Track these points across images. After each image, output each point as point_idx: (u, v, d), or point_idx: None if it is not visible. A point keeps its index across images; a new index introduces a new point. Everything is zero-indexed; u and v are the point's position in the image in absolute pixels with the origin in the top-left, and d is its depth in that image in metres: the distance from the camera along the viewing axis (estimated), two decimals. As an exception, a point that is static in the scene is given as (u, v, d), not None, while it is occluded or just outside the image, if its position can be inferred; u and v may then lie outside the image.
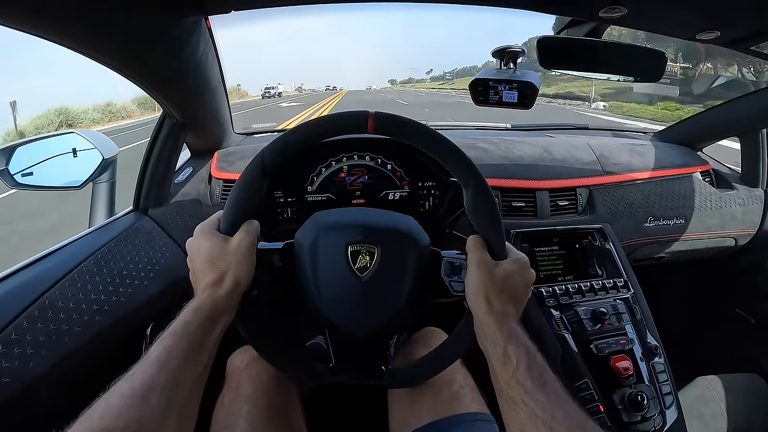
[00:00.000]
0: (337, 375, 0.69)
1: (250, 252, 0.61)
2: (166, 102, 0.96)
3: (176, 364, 0.50)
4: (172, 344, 0.52)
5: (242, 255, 0.60)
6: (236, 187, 0.61)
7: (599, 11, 0.75)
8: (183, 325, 0.54)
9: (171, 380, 0.49)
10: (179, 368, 0.50)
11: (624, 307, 1.02)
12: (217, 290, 0.58)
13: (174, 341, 0.52)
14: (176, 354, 0.51)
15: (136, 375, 0.47)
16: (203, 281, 0.59)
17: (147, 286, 0.94)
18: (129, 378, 0.47)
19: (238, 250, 0.60)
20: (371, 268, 0.64)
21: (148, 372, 0.48)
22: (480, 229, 0.63)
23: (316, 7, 0.76)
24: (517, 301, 0.60)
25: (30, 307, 0.75)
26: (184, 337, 0.53)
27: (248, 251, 0.60)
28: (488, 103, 0.94)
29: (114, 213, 1.15)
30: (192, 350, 0.53)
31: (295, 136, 0.62)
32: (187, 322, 0.54)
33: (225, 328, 0.60)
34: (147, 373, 0.48)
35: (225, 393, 0.77)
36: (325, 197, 1.07)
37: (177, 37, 0.76)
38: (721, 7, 0.72)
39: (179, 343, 0.52)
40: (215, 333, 0.57)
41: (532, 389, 0.51)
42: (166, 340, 0.52)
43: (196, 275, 0.61)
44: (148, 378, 0.47)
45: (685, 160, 1.41)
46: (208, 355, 0.56)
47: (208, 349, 0.56)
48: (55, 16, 0.56)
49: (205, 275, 0.59)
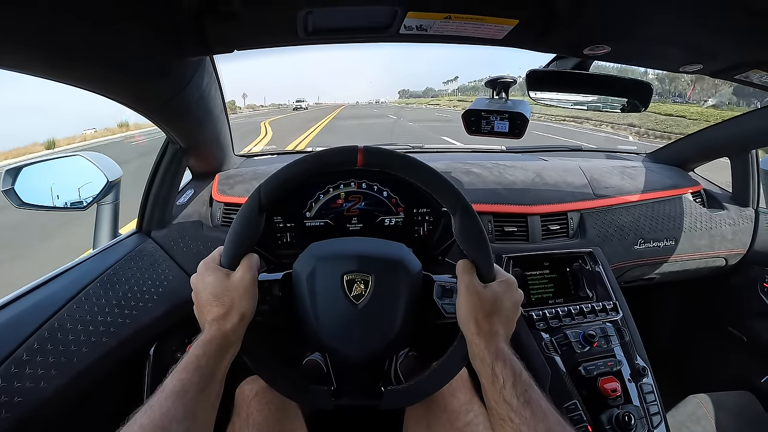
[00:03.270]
0: (339, 398, 0.71)
1: (252, 286, 0.63)
2: (171, 131, 0.99)
3: (191, 396, 0.54)
4: (186, 378, 0.55)
5: (245, 289, 0.62)
6: (235, 224, 0.64)
7: (584, 49, 0.79)
8: (194, 359, 0.57)
9: (188, 411, 0.52)
10: (194, 399, 0.54)
11: (613, 329, 1.04)
12: (224, 324, 0.61)
13: (187, 375, 0.55)
14: (190, 387, 0.54)
15: (154, 408, 0.51)
16: (210, 315, 0.62)
17: (151, 308, 0.97)
18: (147, 410, 0.51)
19: (241, 285, 0.62)
20: (366, 296, 0.67)
21: (165, 405, 0.51)
22: (468, 253, 0.65)
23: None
24: (506, 321, 0.63)
25: (40, 329, 0.78)
26: (197, 370, 0.56)
27: (250, 285, 0.63)
28: (481, 132, 0.97)
29: (117, 234, 1.18)
30: (205, 382, 0.56)
31: (291, 172, 0.65)
32: (198, 356, 0.57)
33: (233, 357, 0.63)
34: (164, 406, 0.51)
35: (235, 421, 0.79)
36: (323, 222, 1.10)
37: (182, 74, 0.80)
38: (701, 41, 0.75)
39: (192, 377, 0.55)
40: (224, 363, 0.60)
41: (517, 406, 0.54)
42: (179, 374, 0.55)
43: (202, 309, 0.63)
44: (166, 410, 0.51)
45: (675, 182, 1.44)
46: (219, 384, 0.59)
47: (219, 379, 0.59)
48: (65, 60, 0.60)
49: (211, 310, 0.62)
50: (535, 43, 0.77)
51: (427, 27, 0.68)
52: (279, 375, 0.69)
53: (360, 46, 20.87)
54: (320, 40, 0.72)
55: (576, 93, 0.97)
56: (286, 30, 0.68)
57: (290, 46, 0.72)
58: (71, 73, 0.63)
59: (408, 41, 0.73)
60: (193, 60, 0.77)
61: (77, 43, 0.57)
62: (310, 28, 0.67)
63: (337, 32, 0.71)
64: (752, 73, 0.87)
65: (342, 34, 0.72)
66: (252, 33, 0.69)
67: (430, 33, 0.69)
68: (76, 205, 1.16)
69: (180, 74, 0.78)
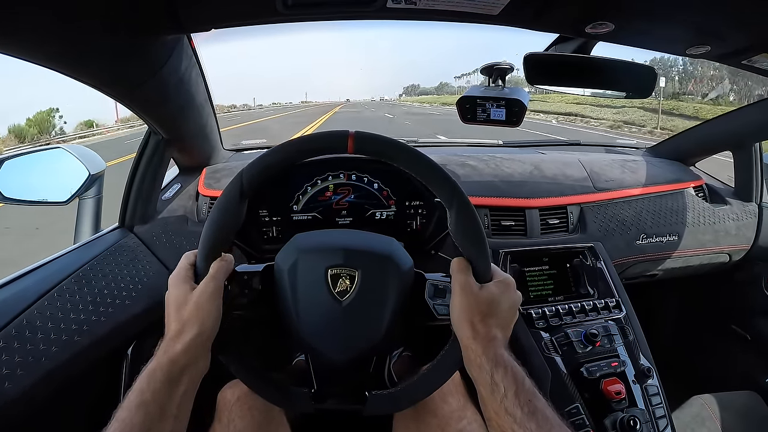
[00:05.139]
0: (320, 401, 0.67)
1: (214, 297, 0.57)
2: (150, 119, 0.95)
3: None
4: (127, 418, 0.48)
5: (205, 301, 0.56)
6: (214, 210, 0.60)
7: (586, 27, 0.74)
8: (137, 395, 0.50)
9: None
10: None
11: (616, 328, 1.00)
12: (174, 345, 0.54)
13: (129, 414, 0.48)
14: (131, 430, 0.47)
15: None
16: (169, 331, 0.56)
17: (129, 305, 0.92)
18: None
19: (201, 296, 0.56)
20: (351, 292, 0.63)
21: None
22: (464, 250, 0.61)
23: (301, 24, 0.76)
24: (503, 324, 0.58)
25: (6, 327, 0.73)
26: (140, 408, 0.49)
27: (211, 296, 0.57)
28: (476, 120, 0.93)
29: (100, 229, 1.14)
30: (151, 421, 0.49)
31: (275, 157, 0.61)
32: (141, 391, 0.50)
33: (193, 383, 0.56)
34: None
35: (216, 427, 0.75)
36: (311, 216, 1.06)
37: (157, 54, 0.75)
38: (710, 21, 0.71)
39: (135, 416, 0.48)
40: (178, 394, 0.53)
41: (521, 418, 0.49)
42: (121, 413, 0.48)
43: (167, 322, 0.58)
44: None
45: (677, 176, 1.40)
46: (172, 421, 0.52)
47: (171, 415, 0.51)
48: (29, 36, 0.56)
49: (169, 327, 0.56)
50: (533, 20, 0.73)
51: (416, 0, 0.63)
52: (255, 374, 0.64)
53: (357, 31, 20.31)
54: (301, 16, 0.68)
55: (576, 78, 0.93)
56: (263, 3, 0.63)
57: (270, 23, 0.68)
58: (30, 48, 0.59)
59: (396, 17, 0.69)
60: (168, 39, 0.73)
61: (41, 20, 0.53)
62: (290, 1, 0.62)
63: (319, 6, 0.67)
64: (760, 58, 0.83)
65: (324, 9, 0.68)
66: (227, 8, 0.65)
67: (420, 7, 0.65)
68: (57, 200, 1.12)
69: (154, 54, 0.74)
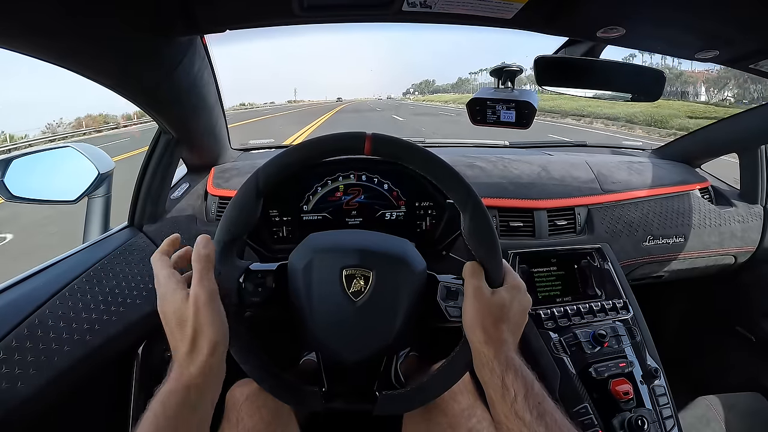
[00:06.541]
0: (330, 400, 0.67)
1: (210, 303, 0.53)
2: (162, 119, 0.95)
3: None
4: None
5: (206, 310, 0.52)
6: (230, 206, 0.60)
7: (597, 31, 0.75)
8: (153, 417, 0.47)
9: None
10: None
11: (624, 329, 1.00)
12: (188, 368, 0.51)
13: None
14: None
15: None
16: (178, 351, 0.52)
17: (140, 305, 0.92)
18: None
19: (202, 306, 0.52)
20: (366, 293, 0.63)
21: None
22: (477, 254, 0.61)
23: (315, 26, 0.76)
24: (514, 328, 0.59)
25: (19, 326, 0.73)
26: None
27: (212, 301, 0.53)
28: (486, 122, 0.93)
29: (109, 228, 1.14)
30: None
31: (292, 157, 0.61)
32: (156, 415, 0.48)
33: (213, 403, 0.54)
34: None
35: (224, 426, 0.75)
36: (320, 216, 1.06)
37: (171, 55, 0.76)
38: (720, 26, 0.71)
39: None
40: (197, 417, 0.51)
41: (531, 421, 0.50)
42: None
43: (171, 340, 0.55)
44: None
45: (683, 178, 1.40)
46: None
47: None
48: (44, 34, 0.56)
49: (176, 347, 0.53)
50: (546, 24, 0.73)
51: (432, 3, 0.63)
52: (267, 373, 0.65)
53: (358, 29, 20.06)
54: (317, 18, 0.68)
55: (585, 80, 0.93)
56: (280, 5, 0.64)
57: (286, 24, 0.68)
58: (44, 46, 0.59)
59: (411, 20, 0.69)
60: (182, 40, 0.73)
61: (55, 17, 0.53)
62: (306, 3, 0.63)
63: (336, 8, 0.67)
64: (766, 62, 0.84)
65: (340, 11, 0.68)
66: (243, 9, 0.65)
67: (435, 10, 0.65)
68: (65, 199, 1.12)
69: (168, 56, 0.74)
